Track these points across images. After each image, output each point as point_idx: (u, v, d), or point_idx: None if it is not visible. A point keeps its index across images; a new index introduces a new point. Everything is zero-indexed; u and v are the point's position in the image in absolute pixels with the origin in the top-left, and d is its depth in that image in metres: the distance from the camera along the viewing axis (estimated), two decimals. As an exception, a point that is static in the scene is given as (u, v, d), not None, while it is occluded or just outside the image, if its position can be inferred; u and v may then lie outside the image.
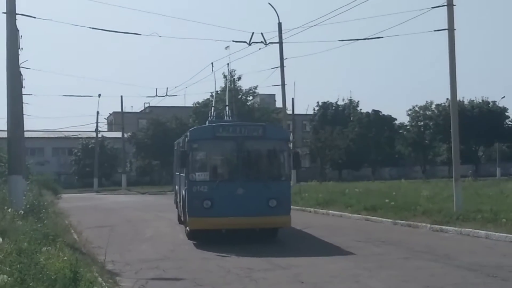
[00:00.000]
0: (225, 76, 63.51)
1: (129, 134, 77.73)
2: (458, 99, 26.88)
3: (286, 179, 18.06)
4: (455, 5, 25.28)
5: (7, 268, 9.65)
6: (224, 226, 17.15)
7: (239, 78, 65.84)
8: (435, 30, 26.84)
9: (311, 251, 17.36)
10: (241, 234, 18.86)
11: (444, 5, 25.44)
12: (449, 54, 25.43)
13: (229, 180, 17.60)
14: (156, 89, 56.61)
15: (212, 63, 37.42)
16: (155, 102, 64.52)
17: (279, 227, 18.27)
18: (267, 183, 17.51)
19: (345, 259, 16.25)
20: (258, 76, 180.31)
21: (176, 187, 25.30)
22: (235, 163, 17.80)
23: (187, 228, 18.31)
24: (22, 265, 10.07)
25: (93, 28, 31.96)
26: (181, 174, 21.11)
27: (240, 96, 65.37)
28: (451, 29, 25.45)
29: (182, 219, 21.27)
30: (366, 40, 34.76)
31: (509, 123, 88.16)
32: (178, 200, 23.72)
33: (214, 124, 19.31)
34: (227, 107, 30.14)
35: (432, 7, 26.40)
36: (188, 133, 18.31)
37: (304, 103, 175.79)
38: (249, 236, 18.34)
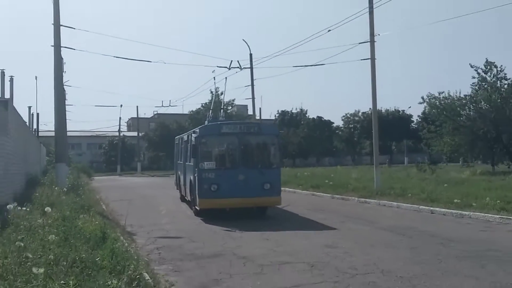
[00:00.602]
0: (211, 92, 64.51)
1: (143, 133, 78.02)
2: (377, 108, 26.89)
3: (277, 167, 17.03)
4: (375, 41, 25.54)
5: (55, 230, 9.63)
6: (228, 205, 16.23)
7: (222, 93, 66.56)
8: (361, 59, 26.98)
9: (276, 217, 17.41)
10: (234, 211, 17.62)
11: (367, 41, 25.69)
12: (371, 75, 25.62)
13: (232, 168, 16.55)
14: (162, 101, 58.42)
15: (214, 78, 37.50)
16: (161, 111, 64.53)
17: (271, 206, 17.37)
18: (262, 170, 16.58)
19: (299, 222, 16.47)
20: (235, 91, 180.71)
21: (179, 173, 23.91)
22: (236, 154, 16.77)
23: (196, 207, 16.94)
24: (65, 227, 10.14)
25: (116, 57, 32.69)
26: (186, 163, 19.93)
27: (222, 106, 65.73)
28: (372, 59, 25.71)
29: (187, 199, 20.20)
30: (313, 66, 34.97)
31: (413, 125, 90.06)
32: (181, 183, 22.58)
33: (219, 122, 18.51)
34: (210, 111, 28.17)
35: (359, 43, 26.79)
36: (198, 130, 16.96)
37: (268, 111, 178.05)
38: (240, 213, 17.15)
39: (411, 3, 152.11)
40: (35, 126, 45.78)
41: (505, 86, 36.47)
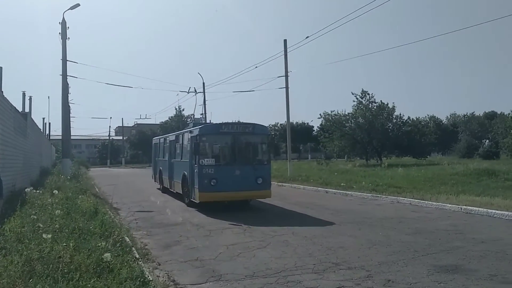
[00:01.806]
0: (175, 109, 64.86)
1: (126, 137, 76.78)
2: (290, 121, 27.24)
3: (268, 163, 13.91)
4: (288, 75, 25.88)
5: (60, 206, 9.34)
6: (226, 198, 13.21)
7: (183, 109, 66.71)
8: (279, 88, 27.32)
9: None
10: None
11: (283, 76, 26.00)
12: (286, 99, 25.91)
13: (229, 164, 13.31)
14: (140, 114, 57.21)
15: (195, 89, 35.88)
16: (140, 121, 63.87)
17: (264, 198, 14.22)
18: (255, 166, 13.46)
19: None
20: (193, 108, 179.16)
21: (160, 168, 20.12)
22: (233, 151, 13.53)
23: (192, 199, 13.63)
24: (68, 205, 9.90)
25: (107, 83, 32.34)
26: (175, 160, 16.60)
27: (183, 119, 65.72)
28: (287, 88, 26.02)
29: (174, 191, 16.59)
30: (246, 92, 34.93)
31: (314, 133, 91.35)
32: (164, 177, 18.93)
33: (218, 122, 14.57)
34: (193, 115, 25.21)
35: (278, 76, 27.09)
36: (198, 129, 13.50)
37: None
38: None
39: (314, 49, 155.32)
40: (47, 132, 46.14)
41: (375, 107, 37.67)
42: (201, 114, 20.20)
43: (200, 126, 13.79)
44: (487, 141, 53.28)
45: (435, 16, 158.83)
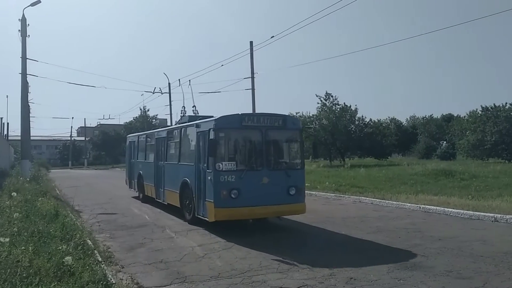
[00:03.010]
0: (140, 109, 63.80)
1: (89, 138, 74.99)
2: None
3: (302, 167, 10.31)
4: (254, 77, 25.96)
5: (18, 209, 9.09)
6: (250, 216, 9.79)
7: (148, 110, 65.79)
8: (245, 89, 27.33)
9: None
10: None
11: (249, 77, 26.08)
12: (252, 100, 25.98)
13: (255, 169, 9.64)
14: (103, 114, 54.87)
15: (160, 89, 35.05)
16: (103, 122, 62.22)
17: (296, 214, 10.45)
18: (287, 172, 9.88)
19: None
20: (159, 109, 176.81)
21: (140, 172, 16.31)
22: (259, 152, 9.82)
23: (201, 216, 10.02)
24: (27, 207, 9.66)
25: (69, 82, 31.31)
26: (165, 162, 13.11)
27: (148, 119, 64.86)
28: (253, 89, 26.06)
29: (165, 202, 13.02)
30: (213, 93, 34.45)
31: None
32: (145, 183, 15.59)
33: (240, 113, 9.96)
34: (183, 107, 20.77)
35: (244, 78, 27.00)
36: (213, 122, 9.71)
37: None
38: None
39: (278, 51, 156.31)
40: (5, 132, 44.76)
41: (338, 109, 38.28)
42: (193, 106, 15.52)
43: (216, 118, 9.91)
44: (445, 142, 55.10)
45: (393, 21, 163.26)
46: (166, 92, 38.01)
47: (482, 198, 13.54)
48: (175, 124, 13.50)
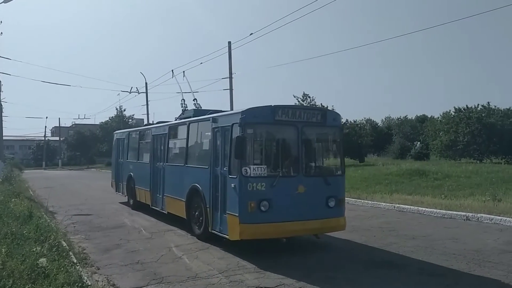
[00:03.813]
0: (116, 109, 63.11)
1: (63, 138, 73.59)
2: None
3: (342, 173, 8.34)
4: (233, 77, 25.90)
5: (-10, 211, 8.84)
6: (283, 233, 7.55)
7: (124, 110, 64.96)
8: (224, 89, 27.32)
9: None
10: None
11: (227, 78, 26.06)
12: (230, 100, 25.85)
13: (290, 175, 7.71)
14: (79, 114, 54.15)
15: (137, 89, 34.80)
16: (78, 121, 61.52)
17: (336, 231, 8.28)
18: (327, 179, 7.85)
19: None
20: (135, 109, 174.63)
21: (131, 174, 13.93)
22: (295, 154, 7.77)
23: (218, 232, 7.94)
24: (0, 209, 9.47)
25: (43, 81, 30.80)
26: (189, 165, 9.60)
27: (125, 119, 64.04)
28: (231, 89, 25.93)
29: (165, 211, 10.83)
30: (189, 93, 34.31)
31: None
32: (138, 186, 13.23)
33: (273, 105, 7.76)
34: (182, 100, 18.28)
35: (222, 78, 26.85)
36: (240, 115, 7.41)
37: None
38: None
39: (255, 53, 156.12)
40: None
41: (315, 110, 38.54)
42: (194, 100, 13.06)
43: (243, 110, 7.59)
44: (419, 143, 56.03)
45: (372, 22, 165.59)
46: (143, 92, 37.67)
47: (455, 198, 13.87)
48: (176, 120, 12.07)
